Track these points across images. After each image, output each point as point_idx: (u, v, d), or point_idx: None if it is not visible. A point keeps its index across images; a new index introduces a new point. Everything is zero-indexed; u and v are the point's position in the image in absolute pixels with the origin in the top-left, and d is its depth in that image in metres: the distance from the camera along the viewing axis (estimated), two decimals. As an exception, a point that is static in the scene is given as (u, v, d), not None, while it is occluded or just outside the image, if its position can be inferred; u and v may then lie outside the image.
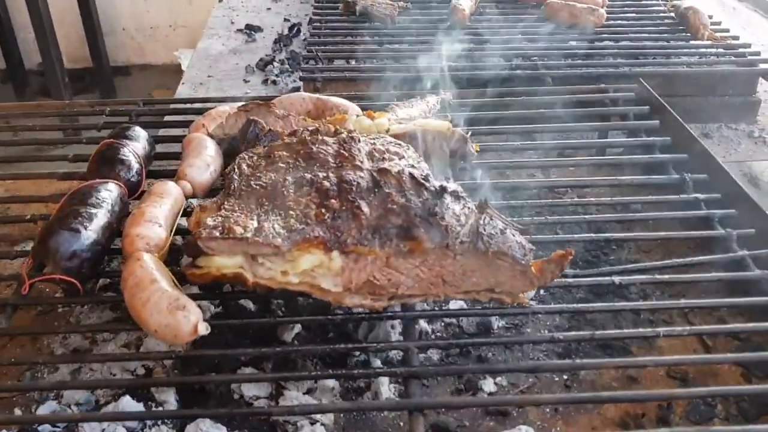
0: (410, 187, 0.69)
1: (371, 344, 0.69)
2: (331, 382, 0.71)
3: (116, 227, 0.76)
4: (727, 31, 1.39)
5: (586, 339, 0.71)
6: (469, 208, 0.69)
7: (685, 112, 1.29)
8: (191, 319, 0.62)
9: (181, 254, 0.75)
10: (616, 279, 0.71)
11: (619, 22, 1.42)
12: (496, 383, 0.72)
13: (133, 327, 0.65)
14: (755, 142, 1.26)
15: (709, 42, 1.33)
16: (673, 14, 1.43)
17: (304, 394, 0.70)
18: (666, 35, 1.37)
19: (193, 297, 0.67)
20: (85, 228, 0.71)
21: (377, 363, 0.73)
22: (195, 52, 1.64)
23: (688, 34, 1.35)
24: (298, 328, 0.77)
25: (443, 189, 0.69)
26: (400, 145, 0.78)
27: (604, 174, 0.96)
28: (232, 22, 1.74)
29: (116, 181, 0.80)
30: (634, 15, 1.47)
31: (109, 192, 0.77)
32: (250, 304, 0.80)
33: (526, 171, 1.03)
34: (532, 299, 0.72)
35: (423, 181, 0.69)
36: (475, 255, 0.66)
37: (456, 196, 0.70)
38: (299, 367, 0.73)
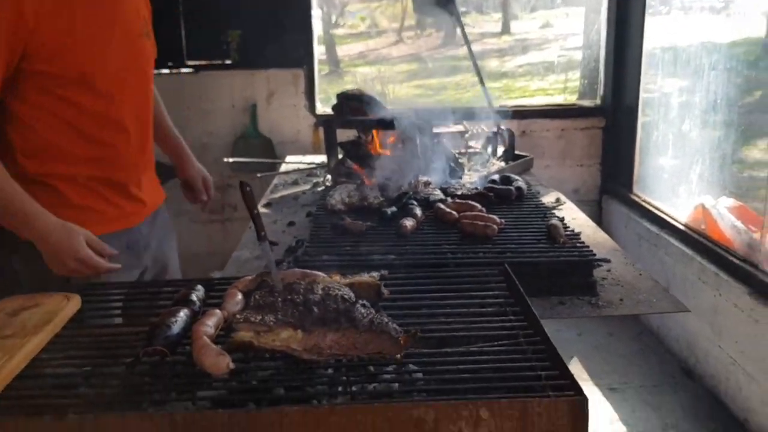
0: (339, 301, 1.35)
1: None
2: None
3: (186, 332, 1.41)
4: (579, 237, 2.11)
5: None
6: (370, 311, 1.35)
7: (548, 289, 1.97)
8: (226, 360, 1.25)
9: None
10: (449, 349, 1.34)
11: (509, 233, 2.15)
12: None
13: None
14: (592, 307, 1.89)
15: (565, 245, 2.04)
16: (545, 227, 2.17)
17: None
18: (536, 241, 2.09)
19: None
20: (172, 325, 1.36)
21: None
22: (231, 259, 2.38)
23: (552, 241, 2.07)
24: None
25: (356, 301, 1.35)
26: (341, 287, 1.45)
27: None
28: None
29: (187, 308, 1.47)
30: (520, 229, 2.20)
31: (184, 312, 1.43)
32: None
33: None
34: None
35: (346, 299, 1.36)
36: (370, 332, 1.30)
37: (363, 306, 1.35)
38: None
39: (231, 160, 3.86)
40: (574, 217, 2.59)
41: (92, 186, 1.84)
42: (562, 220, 2.28)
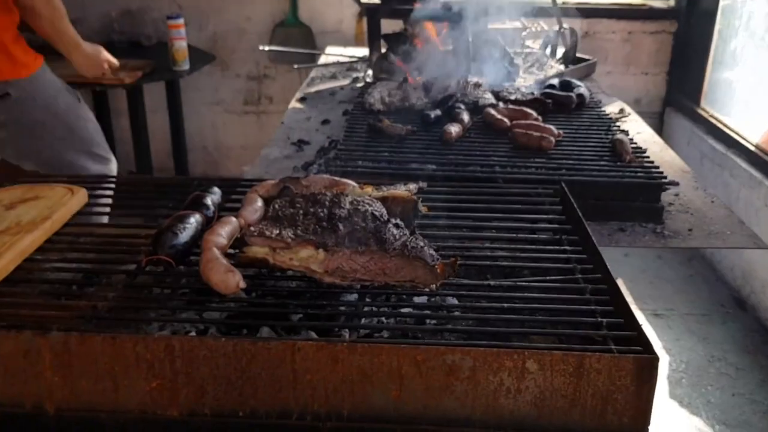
0: (369, 219, 1.16)
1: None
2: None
3: (196, 240, 1.24)
4: (647, 155, 1.87)
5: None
6: (404, 233, 1.16)
7: (607, 212, 1.75)
8: (236, 278, 1.09)
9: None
10: (492, 282, 1.15)
11: (567, 146, 1.91)
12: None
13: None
14: (656, 236, 1.68)
15: (630, 163, 1.80)
16: (608, 142, 1.92)
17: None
18: (598, 157, 1.85)
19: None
20: (180, 233, 1.20)
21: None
22: (258, 157, 2.20)
23: (616, 158, 1.83)
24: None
25: (388, 220, 1.16)
26: (372, 201, 1.26)
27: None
28: (288, 138, 2.31)
29: (200, 213, 1.30)
30: (580, 142, 1.96)
31: (195, 218, 1.27)
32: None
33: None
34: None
35: (377, 216, 1.17)
36: (402, 258, 1.11)
37: (396, 226, 1.16)
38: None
39: (267, 48, 3.61)
40: (639, 131, 2.32)
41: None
42: (626, 134, 2.03)
